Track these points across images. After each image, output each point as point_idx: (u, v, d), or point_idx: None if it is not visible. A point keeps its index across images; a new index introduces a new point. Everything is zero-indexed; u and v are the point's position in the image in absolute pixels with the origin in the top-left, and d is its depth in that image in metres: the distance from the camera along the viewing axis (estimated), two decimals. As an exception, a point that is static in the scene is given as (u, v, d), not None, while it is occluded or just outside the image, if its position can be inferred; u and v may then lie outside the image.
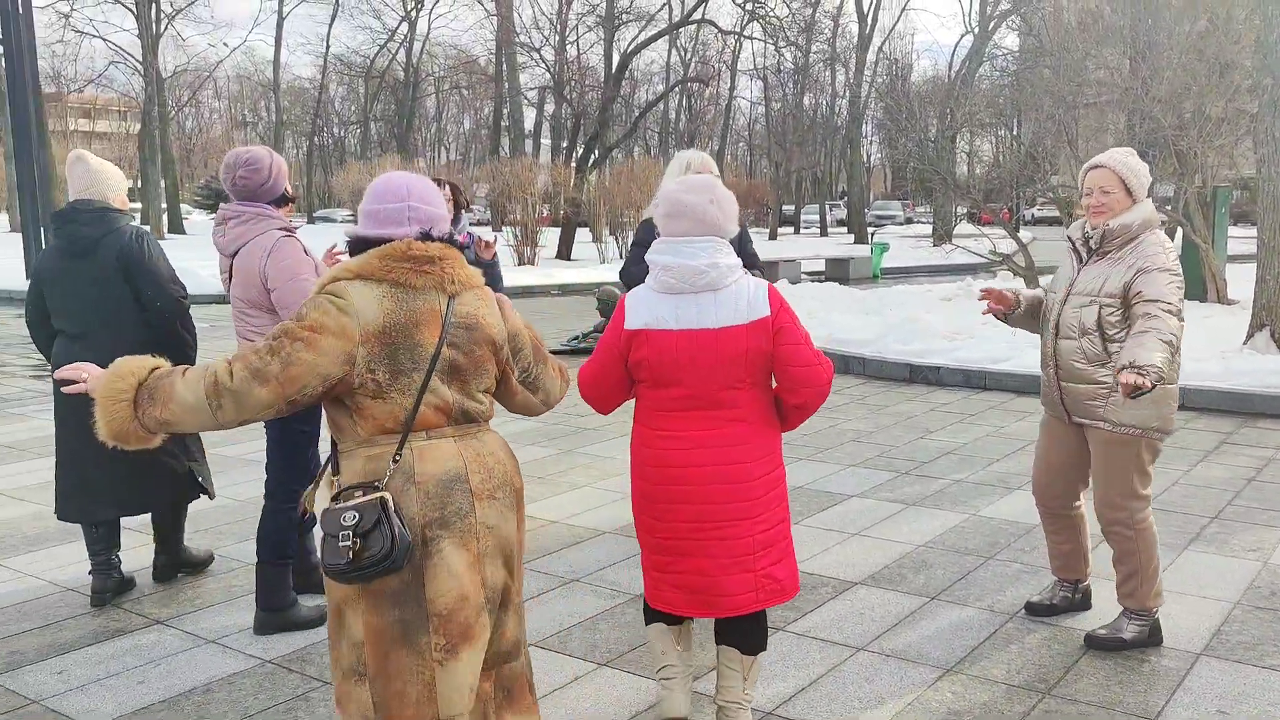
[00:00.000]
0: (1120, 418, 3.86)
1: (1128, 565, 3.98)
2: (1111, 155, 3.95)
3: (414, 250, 2.51)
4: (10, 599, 4.61)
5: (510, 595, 2.67)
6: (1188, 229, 14.63)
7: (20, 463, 7.04)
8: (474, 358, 2.56)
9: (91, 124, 73.70)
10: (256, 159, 4.10)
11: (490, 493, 2.55)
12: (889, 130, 30.69)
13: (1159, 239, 3.88)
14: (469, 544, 2.50)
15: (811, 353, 3.10)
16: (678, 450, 3.07)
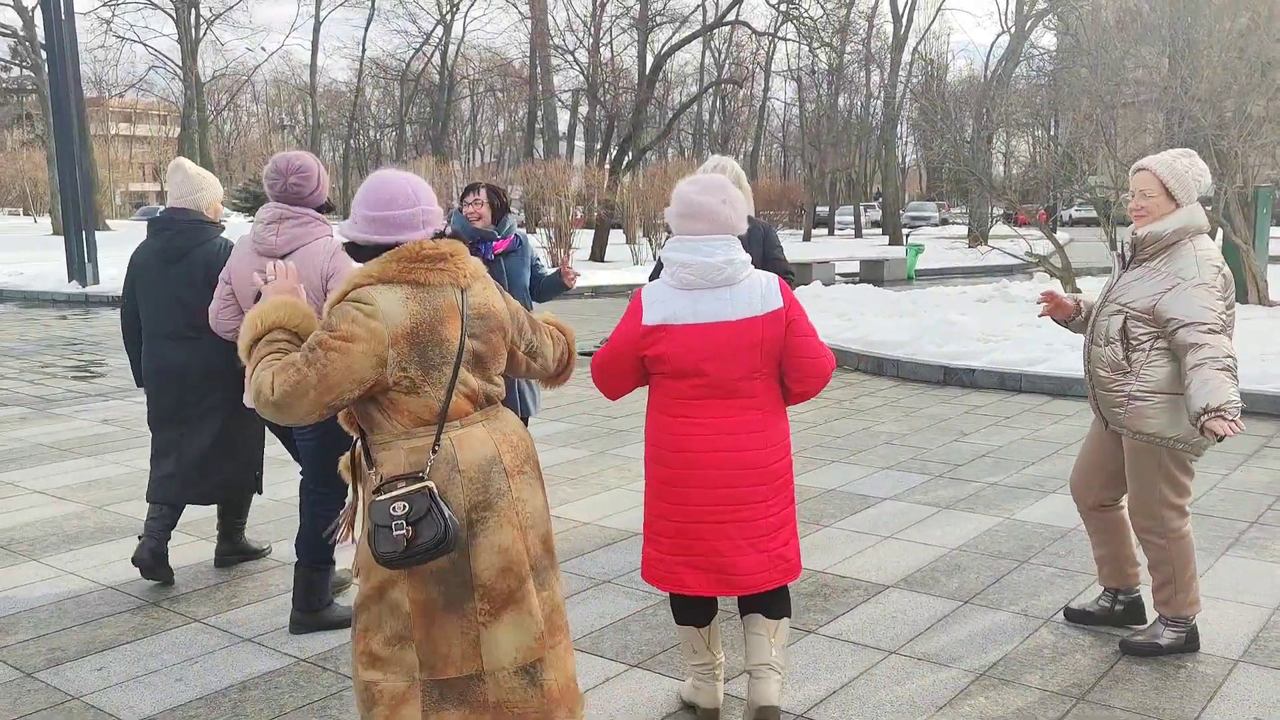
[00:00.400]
0: (1137, 427, 3.82)
1: (1162, 573, 3.94)
2: (1156, 157, 3.86)
3: (426, 250, 2.64)
4: (51, 597, 4.69)
5: (556, 559, 2.90)
6: (1228, 230, 14.45)
7: (62, 462, 7.16)
8: (491, 344, 2.74)
9: (132, 128, 74.75)
10: (308, 167, 4.16)
11: (519, 468, 2.75)
12: (924, 131, 30.52)
13: (1195, 248, 3.75)
14: (511, 519, 2.69)
15: (819, 344, 3.30)
16: (698, 437, 3.21)
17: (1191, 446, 3.80)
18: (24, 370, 11.33)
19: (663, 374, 3.27)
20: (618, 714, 3.57)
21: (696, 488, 3.21)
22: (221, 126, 67.63)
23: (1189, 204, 3.80)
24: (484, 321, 2.71)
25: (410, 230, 2.66)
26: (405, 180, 2.71)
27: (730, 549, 3.22)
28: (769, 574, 3.27)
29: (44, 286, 19.97)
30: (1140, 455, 3.86)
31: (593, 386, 3.65)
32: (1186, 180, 3.79)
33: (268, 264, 2.90)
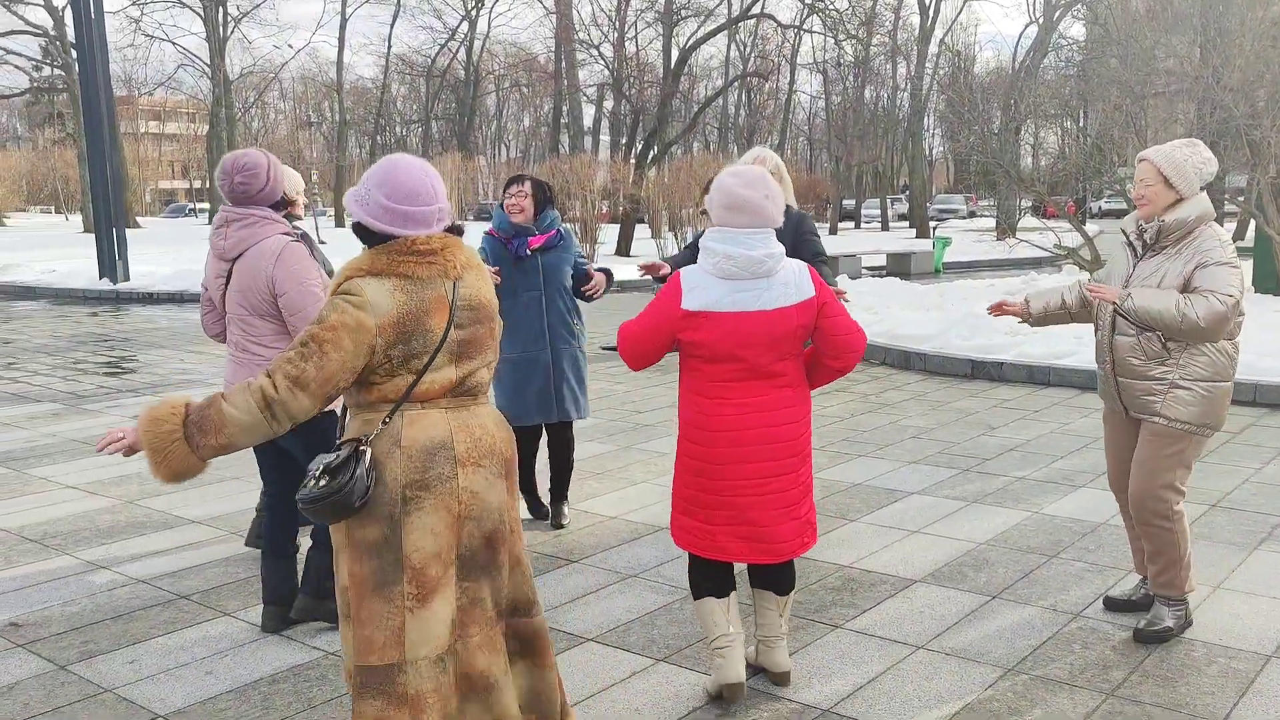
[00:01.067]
0: (1176, 414, 3.87)
1: (1167, 556, 4.01)
2: (1157, 148, 3.92)
3: (418, 245, 2.70)
4: (85, 590, 4.75)
5: (510, 557, 2.88)
6: (1260, 220, 14.27)
7: (95, 457, 7.23)
8: (477, 334, 2.78)
9: (161, 126, 75.40)
10: (254, 165, 3.99)
11: (476, 460, 2.75)
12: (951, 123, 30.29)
13: (1215, 233, 3.85)
14: (450, 506, 2.71)
15: (850, 321, 3.50)
16: (736, 416, 3.40)
17: (1213, 432, 3.93)
18: (56, 366, 11.46)
19: (699, 358, 3.43)
20: (644, 708, 3.57)
21: (736, 463, 3.39)
22: (249, 124, 68.02)
23: (1192, 193, 3.86)
24: (473, 312, 2.76)
25: (423, 227, 2.73)
26: (426, 175, 2.74)
27: (769, 519, 3.43)
28: (800, 539, 3.52)
29: (75, 284, 20.18)
30: (1164, 441, 3.92)
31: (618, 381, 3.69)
32: (1186, 169, 3.84)
33: None
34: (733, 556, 3.47)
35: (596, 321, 14.73)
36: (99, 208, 20.00)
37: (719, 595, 3.56)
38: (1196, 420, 3.87)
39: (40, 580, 4.88)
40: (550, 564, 4.99)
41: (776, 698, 3.62)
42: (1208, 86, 13.92)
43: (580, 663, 3.93)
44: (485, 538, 2.78)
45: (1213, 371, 3.86)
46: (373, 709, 2.66)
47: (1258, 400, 8.40)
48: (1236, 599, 4.42)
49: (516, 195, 5.21)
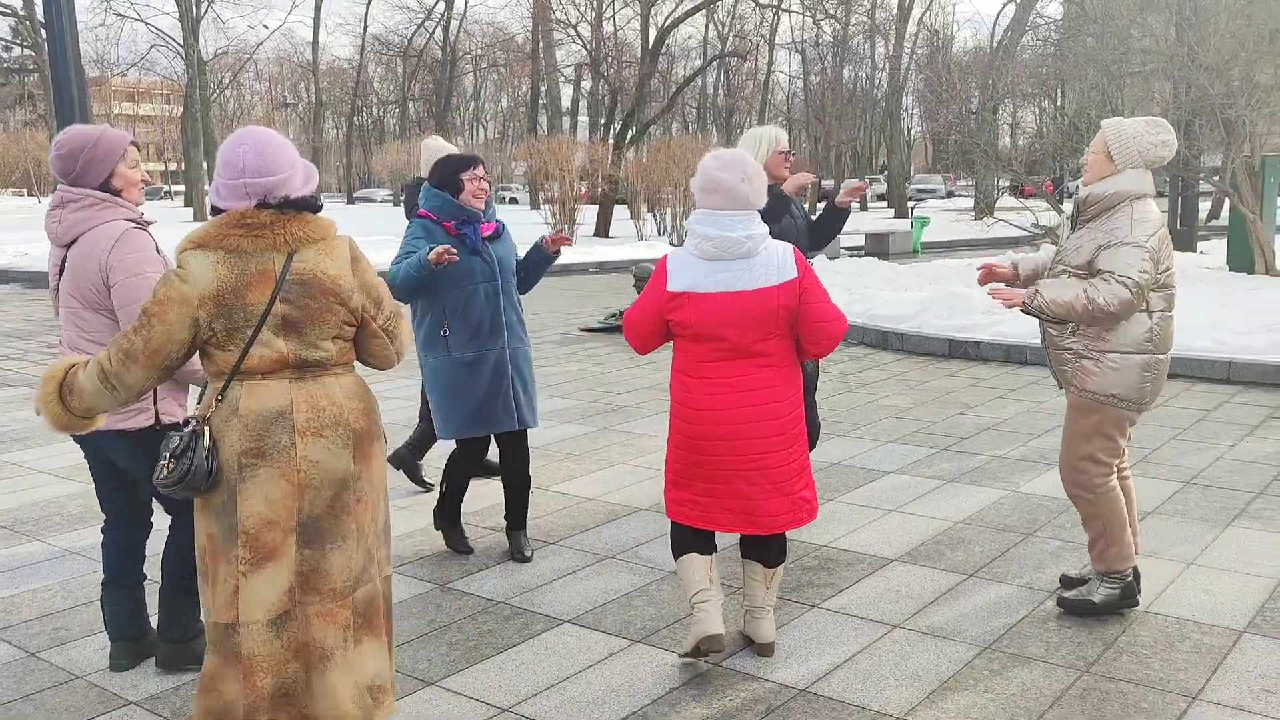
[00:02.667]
0: (1083, 384, 3.91)
1: (1093, 529, 4.03)
2: (1117, 119, 3.95)
3: (246, 218, 2.75)
4: (55, 576, 4.70)
5: (355, 529, 2.87)
6: (1235, 199, 14.35)
7: (66, 442, 7.13)
8: (309, 310, 2.77)
9: (135, 107, 74.60)
10: (64, 140, 3.51)
11: (317, 430, 2.78)
12: (929, 103, 30.34)
13: (1133, 211, 3.81)
14: (288, 475, 2.76)
15: (832, 307, 3.56)
16: (721, 394, 3.50)
17: (1134, 405, 3.91)
18: (29, 351, 11.34)
19: (685, 337, 3.55)
20: (621, 689, 3.57)
21: (722, 440, 3.50)
22: (225, 105, 67.39)
23: (1129, 169, 3.84)
24: (304, 288, 2.76)
25: (236, 200, 2.76)
26: (242, 148, 2.77)
27: (758, 494, 3.53)
28: (794, 514, 3.60)
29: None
30: (1080, 412, 3.95)
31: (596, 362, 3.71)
32: (1130, 145, 3.83)
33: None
34: (723, 528, 3.60)
35: (575, 303, 14.69)
36: (71, 190, 19.73)
37: (702, 553, 3.69)
38: (1104, 391, 3.87)
39: (10, 566, 4.82)
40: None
41: (753, 678, 3.62)
42: (1183, 65, 13.96)
43: (556, 645, 3.92)
44: (328, 506, 2.81)
45: (1122, 342, 3.84)
46: (211, 664, 2.83)
47: (1231, 378, 8.47)
48: (1209, 575, 4.44)
49: (481, 179, 4.69)
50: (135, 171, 3.59)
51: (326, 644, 2.82)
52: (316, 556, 2.80)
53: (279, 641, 2.79)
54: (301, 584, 2.79)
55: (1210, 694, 3.45)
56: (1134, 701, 3.40)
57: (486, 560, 4.81)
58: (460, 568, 4.72)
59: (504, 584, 4.52)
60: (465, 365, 4.62)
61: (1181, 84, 14.46)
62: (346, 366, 2.91)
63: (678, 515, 3.65)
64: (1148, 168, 3.87)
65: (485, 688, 3.59)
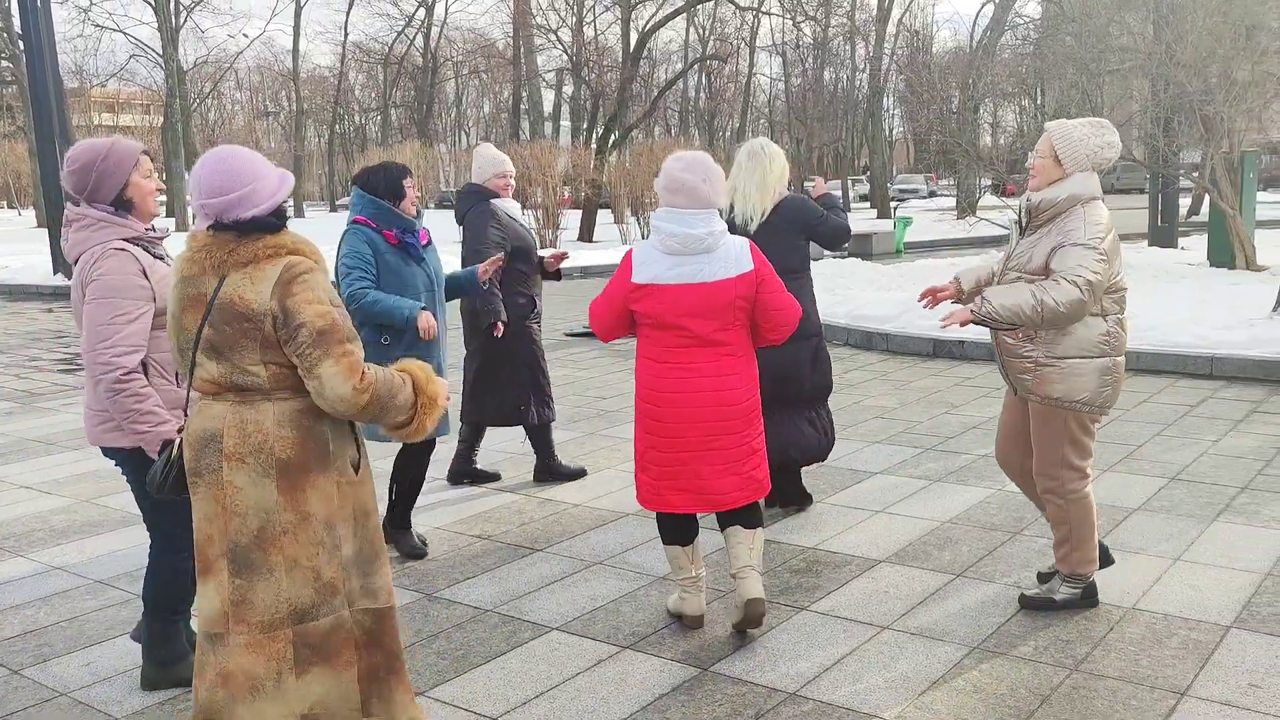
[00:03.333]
0: (1045, 392, 3.89)
1: (1060, 531, 4.04)
2: (1060, 121, 3.92)
3: (191, 242, 2.81)
4: (38, 592, 4.65)
5: (285, 559, 2.78)
6: (1214, 195, 14.43)
7: (49, 456, 7.11)
8: (226, 335, 2.76)
9: (115, 118, 74.12)
10: (75, 156, 3.45)
11: (241, 456, 2.77)
12: (910, 103, 30.45)
13: (1086, 214, 3.78)
14: (218, 496, 2.80)
15: (787, 297, 3.83)
16: (682, 380, 3.75)
17: (1096, 408, 3.90)
18: (10, 364, 11.26)
19: (648, 326, 3.78)
20: (610, 696, 3.55)
21: (681, 423, 3.76)
22: (205, 114, 67.09)
23: (1078, 172, 3.81)
24: (222, 312, 2.74)
25: (203, 220, 2.80)
26: (201, 169, 2.78)
27: (711, 473, 3.79)
28: (743, 492, 3.86)
29: (29, 279, 19.85)
30: (1046, 419, 3.94)
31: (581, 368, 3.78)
32: (1078, 149, 3.80)
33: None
34: (677, 509, 3.86)
35: (561, 309, 14.67)
36: (51, 202, 19.62)
37: (683, 544, 3.98)
38: (1067, 397, 3.85)
39: (-7, 583, 4.78)
40: (513, 553, 4.96)
41: (742, 682, 3.61)
42: (1161, 63, 14.04)
43: (544, 653, 3.90)
44: (254, 536, 2.78)
45: (1081, 347, 3.83)
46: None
47: (1214, 373, 8.50)
48: (1195, 571, 4.46)
49: (413, 188, 4.79)
50: (149, 181, 3.57)
51: (255, 674, 2.79)
52: (245, 587, 2.79)
53: (214, 659, 2.82)
54: (234, 612, 2.80)
55: (1199, 690, 3.45)
56: (1123, 699, 3.41)
57: (473, 569, 4.79)
58: (446, 576, 4.69)
59: (491, 592, 4.50)
60: None
61: (1160, 81, 14.54)
62: (295, 392, 2.77)
63: (641, 499, 3.94)
64: (1095, 170, 3.85)
65: (473, 697, 3.57)
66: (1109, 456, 6.20)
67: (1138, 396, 7.84)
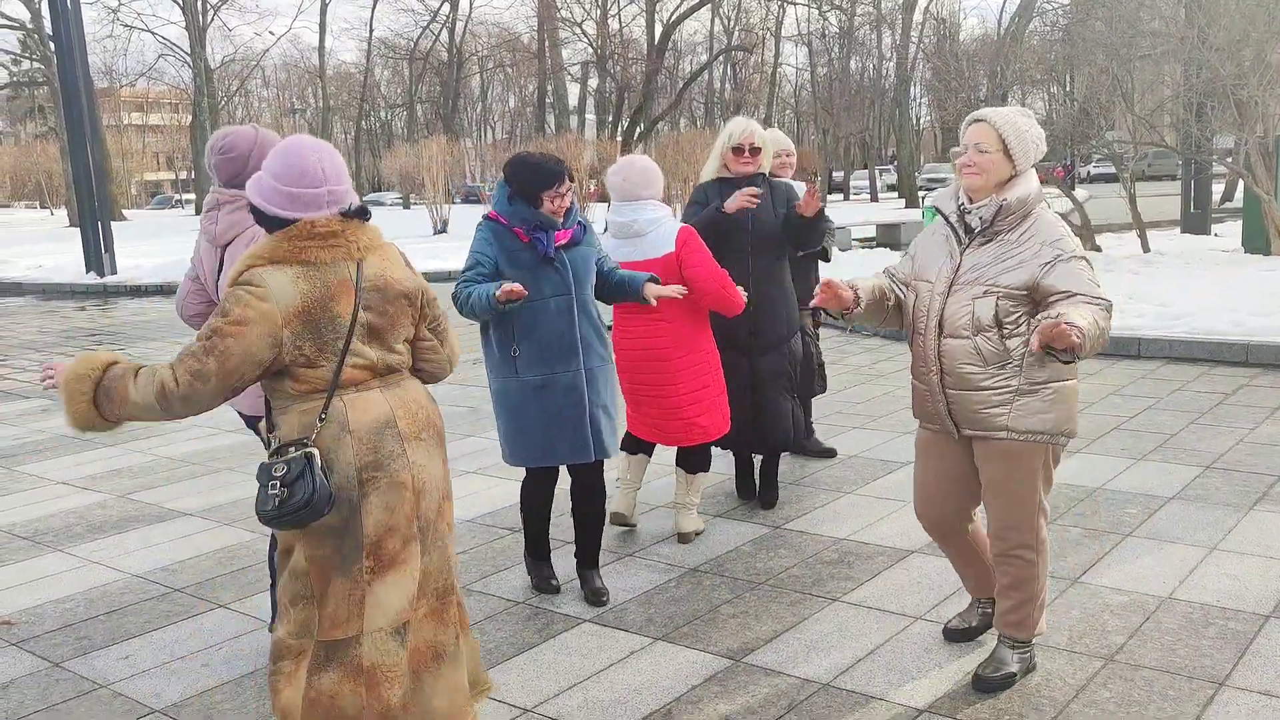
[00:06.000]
0: (1029, 425, 3.30)
1: (1025, 591, 3.44)
2: (996, 110, 3.35)
3: (318, 228, 2.69)
4: (77, 586, 4.72)
5: (447, 526, 2.93)
6: (1249, 180, 14.25)
7: (85, 452, 7.19)
8: (388, 315, 2.77)
9: (144, 117, 74.94)
10: (232, 144, 3.71)
11: (417, 434, 2.80)
12: (938, 92, 30.18)
13: (1054, 217, 3.33)
14: (405, 480, 2.76)
15: (707, 272, 4.54)
16: (623, 338, 4.70)
17: (1066, 439, 3.39)
18: (45, 362, 11.40)
19: None
20: (643, 687, 3.56)
21: (629, 373, 4.73)
22: (233, 112, 67.58)
23: (1025, 169, 3.32)
24: (380, 294, 2.75)
25: (314, 209, 2.70)
26: (317, 155, 2.72)
27: (659, 415, 4.76)
28: (686, 434, 4.75)
29: (62, 278, 20.07)
30: (1020, 460, 3.34)
31: None
32: (1027, 142, 3.29)
33: None
34: (643, 436, 4.90)
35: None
36: (83, 201, 19.86)
37: (631, 452, 5.03)
38: (1053, 429, 3.31)
39: (33, 577, 4.84)
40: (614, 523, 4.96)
41: (776, 673, 3.61)
42: (1193, 47, 13.86)
43: (577, 644, 3.92)
44: (437, 510, 2.86)
45: (1056, 369, 3.29)
46: (329, 682, 2.72)
47: (1249, 360, 8.40)
48: (1233, 560, 4.41)
49: (563, 196, 4.08)
50: None
51: (441, 642, 2.86)
52: (426, 560, 2.84)
53: (404, 651, 2.79)
54: (419, 590, 2.82)
55: (1237, 679, 3.42)
56: (1160, 689, 3.38)
57: (505, 561, 4.81)
58: (479, 569, 4.72)
59: (523, 584, 4.51)
60: (533, 389, 4.11)
61: (1192, 66, 14.36)
62: (411, 370, 2.93)
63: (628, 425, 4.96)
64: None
65: (507, 689, 3.59)
66: (1143, 445, 6.14)
67: (1172, 385, 7.76)
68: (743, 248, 5.06)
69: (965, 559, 3.72)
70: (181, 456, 6.94)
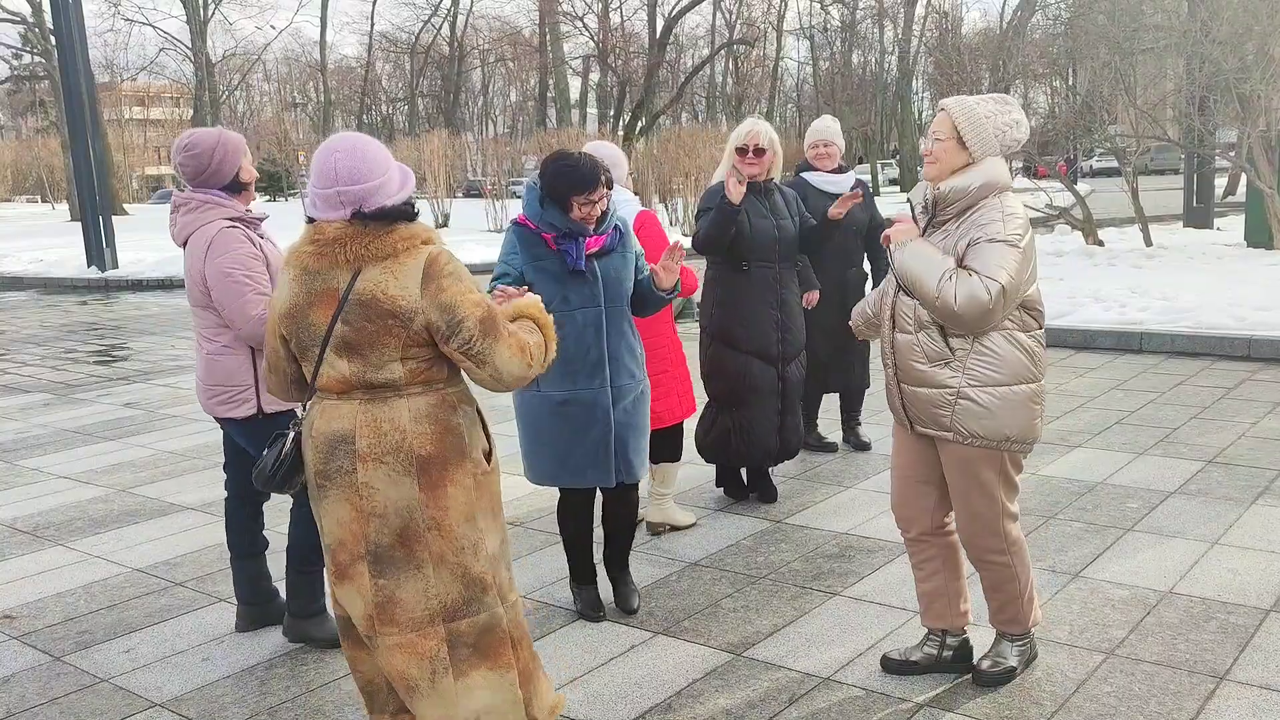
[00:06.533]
0: (970, 428, 3.21)
1: (1006, 592, 3.40)
2: (957, 98, 3.27)
3: (317, 234, 2.68)
4: (78, 581, 4.72)
5: (433, 556, 2.71)
6: (1251, 175, 14.23)
7: (86, 446, 7.20)
8: (365, 332, 2.63)
9: (145, 111, 74.83)
10: (195, 143, 3.71)
11: (378, 456, 2.67)
12: (940, 85, 30.15)
13: (1003, 205, 3.18)
14: (351, 499, 2.70)
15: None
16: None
17: (1027, 445, 3.28)
18: (46, 356, 11.40)
19: None
20: (644, 681, 3.56)
21: None
22: (234, 107, 67.50)
23: (987, 156, 3.20)
24: (363, 309, 2.61)
25: (332, 210, 2.66)
26: (334, 155, 2.66)
27: None
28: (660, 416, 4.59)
29: (63, 273, 20.08)
30: (974, 466, 3.26)
31: None
32: (985, 128, 3.18)
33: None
34: None
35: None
36: (84, 196, 19.87)
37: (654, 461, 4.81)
38: (994, 434, 3.20)
39: (34, 571, 4.85)
40: (546, 539, 4.97)
41: (777, 667, 3.61)
42: (1196, 41, 13.84)
43: (578, 638, 3.92)
44: (397, 535, 2.69)
45: (1009, 372, 3.18)
46: (345, 647, 2.95)
47: (1251, 355, 8.40)
48: (1233, 554, 4.41)
49: (596, 203, 3.75)
50: (253, 167, 3.89)
51: (410, 675, 2.72)
52: (391, 586, 2.70)
53: (369, 654, 2.83)
54: (379, 615, 2.72)
55: (1238, 674, 3.42)
56: (1161, 683, 3.38)
57: (506, 555, 4.81)
58: (480, 563, 4.72)
59: (524, 579, 4.51)
60: (555, 405, 3.81)
61: (1195, 59, 14.33)
62: (428, 386, 2.71)
63: None
64: (1003, 154, 3.26)
65: (508, 683, 3.59)
66: (1145, 440, 6.14)
67: (1174, 379, 7.75)
68: (770, 256, 5.03)
69: (923, 570, 3.53)
70: (182, 451, 6.94)
